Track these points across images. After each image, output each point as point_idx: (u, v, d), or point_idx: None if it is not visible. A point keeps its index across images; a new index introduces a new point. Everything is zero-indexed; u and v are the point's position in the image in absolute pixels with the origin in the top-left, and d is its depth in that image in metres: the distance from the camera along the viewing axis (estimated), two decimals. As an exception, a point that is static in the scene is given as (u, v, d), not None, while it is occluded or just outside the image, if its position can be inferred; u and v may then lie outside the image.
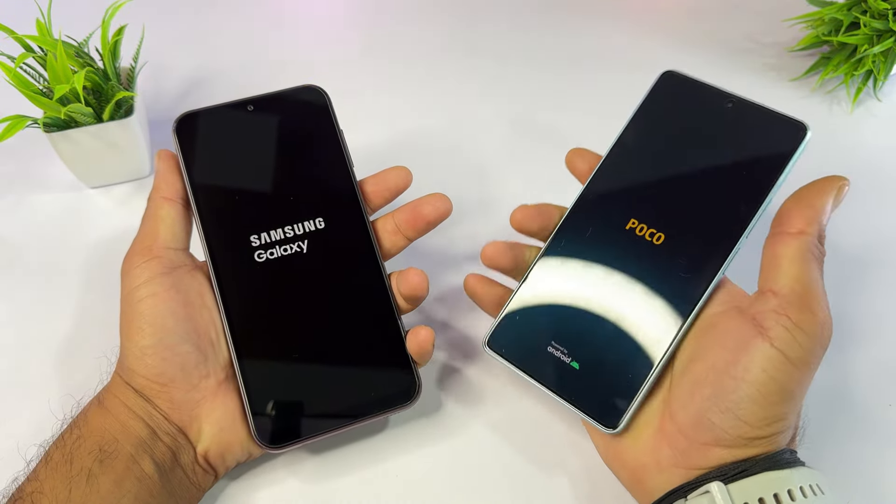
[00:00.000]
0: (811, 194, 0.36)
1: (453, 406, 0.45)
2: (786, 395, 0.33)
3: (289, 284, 0.42)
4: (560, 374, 0.40)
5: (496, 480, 0.42)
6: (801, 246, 0.35)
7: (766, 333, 0.34)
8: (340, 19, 0.75)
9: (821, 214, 0.36)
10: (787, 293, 0.34)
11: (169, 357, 0.38)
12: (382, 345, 0.41)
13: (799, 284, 0.34)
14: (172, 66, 0.68)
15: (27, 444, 0.40)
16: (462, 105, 0.65)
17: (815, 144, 0.60)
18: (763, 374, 0.33)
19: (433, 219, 0.43)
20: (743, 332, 0.35)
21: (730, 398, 0.33)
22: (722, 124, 0.41)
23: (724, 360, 0.34)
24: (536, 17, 0.74)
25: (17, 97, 0.52)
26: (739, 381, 0.33)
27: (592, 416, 0.38)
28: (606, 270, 0.41)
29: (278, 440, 0.39)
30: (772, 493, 0.32)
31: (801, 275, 0.35)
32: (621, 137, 0.44)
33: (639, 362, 0.38)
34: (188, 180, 0.43)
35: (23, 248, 0.54)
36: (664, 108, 0.43)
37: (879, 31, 0.60)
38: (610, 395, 0.38)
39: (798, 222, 0.36)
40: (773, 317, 0.34)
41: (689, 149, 0.41)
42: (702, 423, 0.34)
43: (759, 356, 0.33)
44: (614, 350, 0.39)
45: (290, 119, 0.45)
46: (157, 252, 0.40)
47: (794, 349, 0.33)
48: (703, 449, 0.34)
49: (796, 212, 0.36)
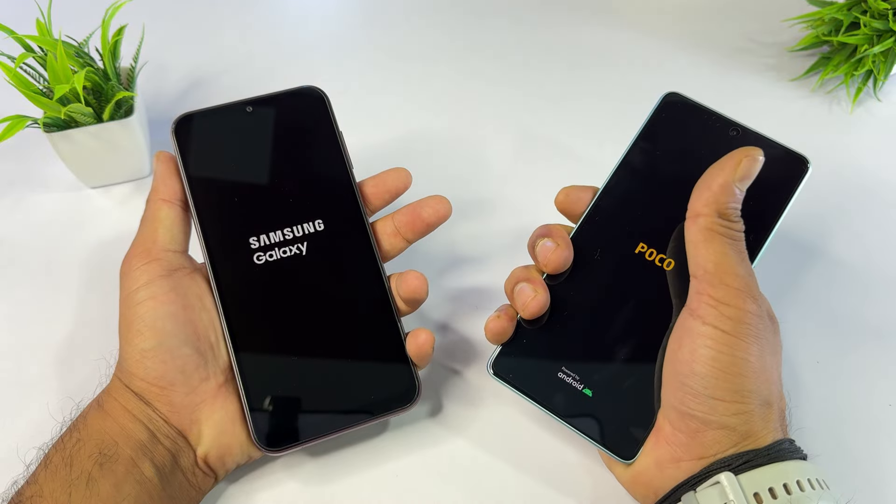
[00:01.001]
0: (708, 176, 0.37)
1: (453, 408, 0.45)
2: (741, 364, 0.34)
3: (288, 287, 0.42)
4: (572, 402, 0.39)
5: (496, 482, 0.42)
6: (701, 228, 0.36)
7: (696, 313, 0.35)
8: (340, 20, 0.75)
9: (719, 193, 0.36)
10: (701, 274, 0.36)
11: (168, 360, 0.38)
12: (382, 347, 0.41)
13: (708, 263, 0.36)
14: (172, 66, 0.68)
15: (26, 447, 0.40)
16: (462, 106, 0.65)
17: (816, 144, 0.60)
18: (708, 350, 0.34)
19: (433, 221, 0.43)
20: (684, 322, 0.36)
21: (693, 381, 0.35)
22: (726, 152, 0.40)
23: (677, 350, 0.36)
24: (537, 17, 0.74)
25: (17, 97, 0.52)
26: (691, 362, 0.35)
27: (607, 447, 0.38)
28: (617, 294, 0.40)
29: (278, 443, 0.39)
30: (781, 483, 0.33)
31: (707, 254, 0.36)
32: (625, 160, 0.43)
33: (651, 388, 0.38)
34: (187, 182, 0.43)
35: (23, 248, 0.54)
36: (668, 133, 0.43)
37: (879, 31, 0.60)
38: (625, 424, 0.38)
39: (696, 205, 0.37)
40: (697, 298, 0.36)
41: (695, 176, 0.39)
42: (685, 412, 0.35)
43: (698, 336, 0.35)
44: (629, 377, 0.39)
45: (288, 120, 0.45)
46: (157, 254, 0.40)
47: (723, 322, 0.35)
48: (697, 437, 0.35)
49: (695, 196, 0.37)
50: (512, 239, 0.54)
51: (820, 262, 0.52)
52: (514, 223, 0.55)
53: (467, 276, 0.52)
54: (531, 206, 0.56)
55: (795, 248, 0.53)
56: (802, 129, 0.62)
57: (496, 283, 0.51)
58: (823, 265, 0.52)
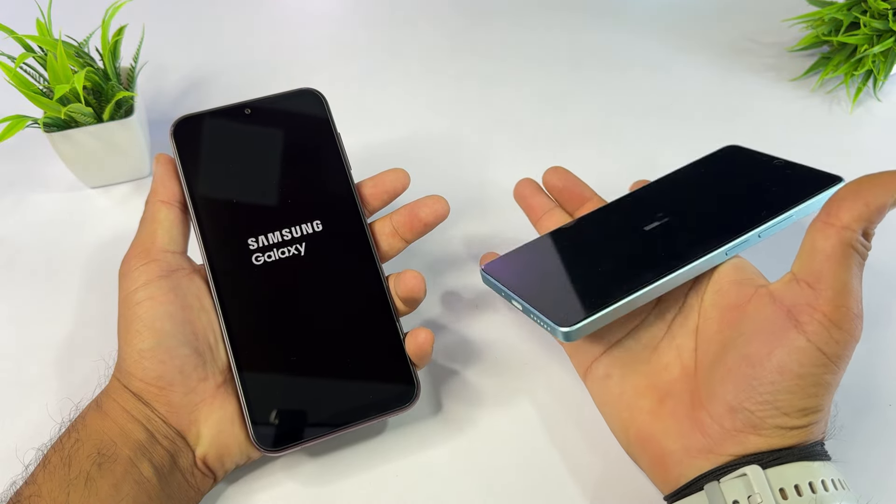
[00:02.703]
0: (869, 189, 0.34)
1: (452, 408, 0.45)
2: (821, 387, 0.33)
3: (286, 287, 0.42)
4: (539, 292, 0.40)
5: (496, 482, 0.42)
6: (843, 241, 0.34)
7: (803, 328, 0.34)
8: (339, 20, 0.75)
9: (873, 213, 0.34)
10: (822, 289, 0.34)
11: (167, 360, 0.38)
12: (381, 347, 0.41)
13: (836, 281, 0.34)
14: (172, 66, 0.68)
15: (25, 448, 0.40)
16: (461, 106, 0.65)
17: (816, 144, 0.60)
18: (800, 368, 0.33)
19: (430, 221, 0.43)
20: (778, 324, 0.34)
21: (767, 389, 0.33)
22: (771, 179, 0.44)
23: (758, 351, 0.34)
24: (536, 18, 0.74)
25: (17, 97, 0.52)
26: (776, 373, 0.33)
27: (548, 318, 0.38)
28: (615, 234, 0.43)
29: (277, 443, 0.39)
30: (807, 482, 0.32)
31: (839, 271, 0.34)
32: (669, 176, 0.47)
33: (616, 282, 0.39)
34: (185, 184, 0.43)
35: (23, 248, 0.54)
36: (718, 168, 0.47)
37: (879, 31, 0.60)
38: (575, 299, 0.39)
39: (845, 216, 0.34)
40: (808, 311, 0.34)
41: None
42: (738, 411, 0.34)
43: (796, 350, 0.33)
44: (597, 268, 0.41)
45: (287, 122, 0.45)
46: (155, 255, 0.40)
47: (829, 345, 0.33)
48: (739, 436, 0.34)
49: (847, 204, 0.34)
50: (510, 238, 0.54)
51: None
52: (512, 223, 0.55)
53: (466, 275, 0.52)
54: (530, 206, 0.56)
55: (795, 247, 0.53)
56: (802, 129, 0.62)
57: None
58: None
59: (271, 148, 0.44)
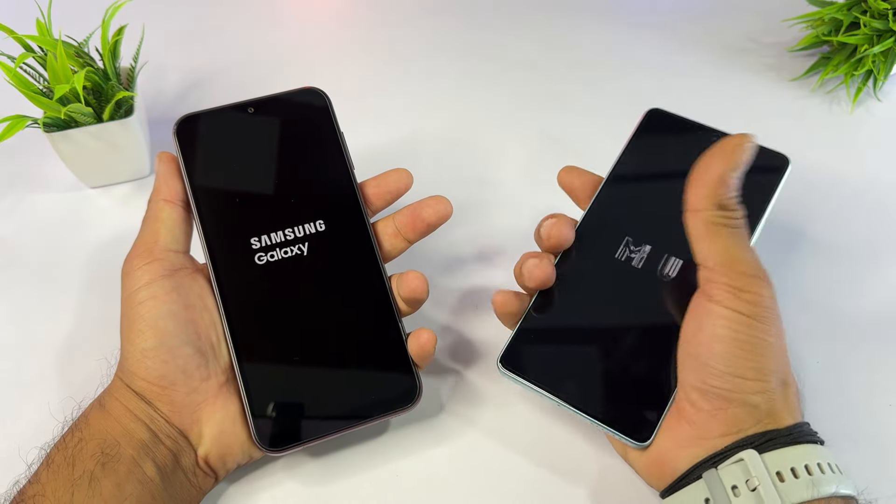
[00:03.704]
0: (703, 168, 0.37)
1: (454, 408, 0.45)
2: (761, 345, 0.35)
3: (289, 287, 0.42)
4: (583, 391, 0.39)
5: (496, 483, 0.42)
6: (703, 222, 0.37)
7: (715, 299, 0.36)
8: (341, 20, 0.75)
9: (717, 186, 0.36)
10: (711, 265, 0.36)
11: (169, 360, 0.38)
12: (383, 347, 0.41)
13: (718, 255, 0.36)
14: (172, 66, 0.68)
15: (28, 447, 0.40)
16: (463, 106, 0.65)
17: (816, 144, 0.61)
18: (728, 332, 0.35)
19: (433, 221, 0.43)
20: (699, 306, 0.37)
21: (715, 360, 0.35)
22: None
23: (693, 332, 0.37)
24: (536, 18, 0.74)
25: (17, 97, 0.52)
26: (712, 343, 0.35)
27: (622, 433, 0.38)
28: (616, 290, 0.42)
29: (278, 443, 0.39)
30: (803, 465, 0.33)
31: (713, 246, 0.37)
32: (613, 171, 0.45)
33: (664, 371, 0.39)
34: (188, 183, 0.43)
35: (23, 248, 0.54)
36: (653, 145, 0.46)
37: (879, 31, 0.60)
38: (639, 408, 0.38)
39: (693, 201, 0.37)
40: (713, 286, 0.36)
41: (678, 181, 0.40)
42: (706, 391, 0.36)
43: (717, 318, 0.35)
44: (640, 361, 0.39)
45: (290, 121, 0.45)
46: (158, 254, 0.40)
47: (742, 306, 0.35)
48: (719, 413, 0.35)
49: (691, 191, 0.37)
50: (512, 239, 0.54)
51: (820, 263, 0.52)
52: (514, 223, 0.55)
53: (468, 276, 0.52)
54: (532, 206, 0.56)
55: (795, 248, 0.53)
56: (802, 129, 0.62)
57: (497, 283, 0.51)
58: (823, 265, 0.52)
59: (274, 147, 0.44)
